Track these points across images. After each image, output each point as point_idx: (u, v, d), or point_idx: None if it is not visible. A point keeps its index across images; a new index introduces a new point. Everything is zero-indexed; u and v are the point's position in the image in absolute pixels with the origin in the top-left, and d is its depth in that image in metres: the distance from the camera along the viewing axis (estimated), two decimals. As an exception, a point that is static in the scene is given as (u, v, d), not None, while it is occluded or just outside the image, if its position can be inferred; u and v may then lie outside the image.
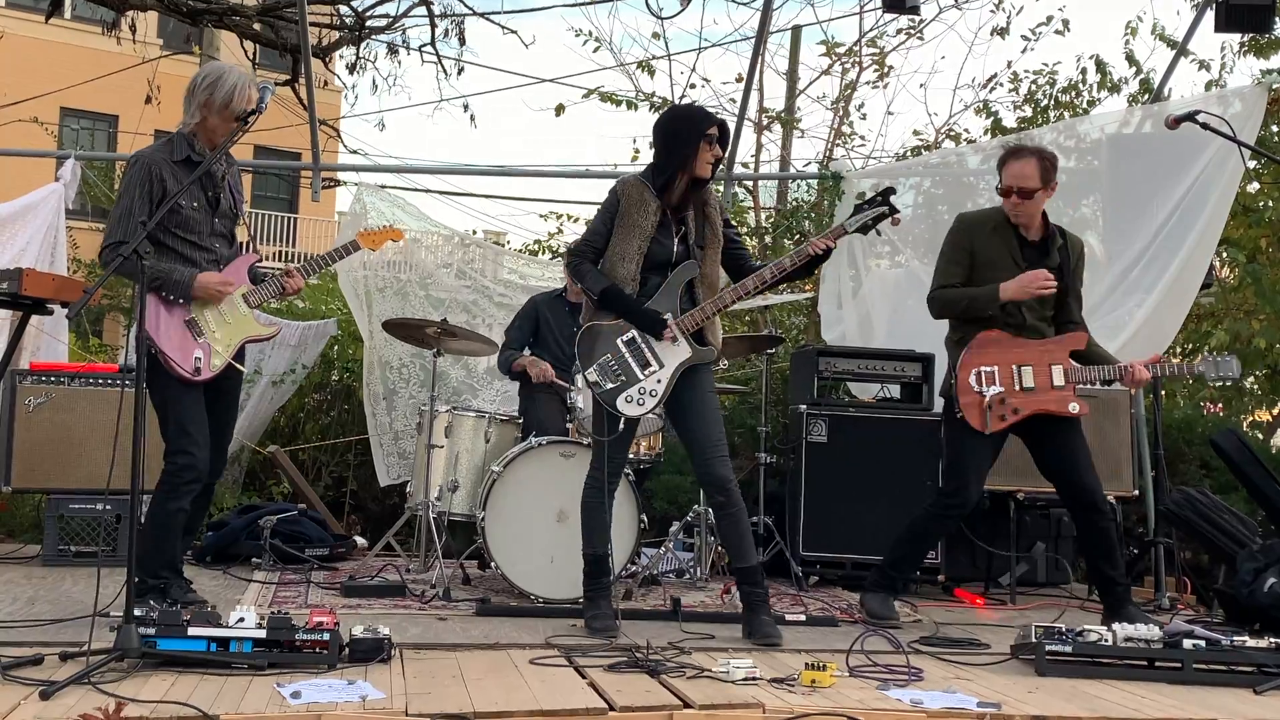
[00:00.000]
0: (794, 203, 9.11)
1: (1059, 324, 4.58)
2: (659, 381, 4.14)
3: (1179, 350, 8.23)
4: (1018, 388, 4.47)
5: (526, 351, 5.86)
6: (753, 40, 8.01)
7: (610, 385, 4.15)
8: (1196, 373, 4.59)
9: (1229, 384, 4.79)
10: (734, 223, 4.45)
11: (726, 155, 7.73)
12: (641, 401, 4.13)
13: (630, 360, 4.15)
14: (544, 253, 9.78)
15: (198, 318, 4.17)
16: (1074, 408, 4.45)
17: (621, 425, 4.17)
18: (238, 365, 4.27)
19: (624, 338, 4.16)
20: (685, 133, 4.15)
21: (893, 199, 4.18)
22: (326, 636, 3.39)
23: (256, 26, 9.95)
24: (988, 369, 4.49)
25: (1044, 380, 4.47)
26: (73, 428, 5.68)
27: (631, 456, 5.33)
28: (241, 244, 4.44)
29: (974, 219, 4.66)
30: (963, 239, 4.59)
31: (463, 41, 10.33)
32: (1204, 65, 8.55)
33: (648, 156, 4.82)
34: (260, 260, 4.53)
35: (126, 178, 4.15)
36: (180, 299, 4.13)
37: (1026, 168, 4.47)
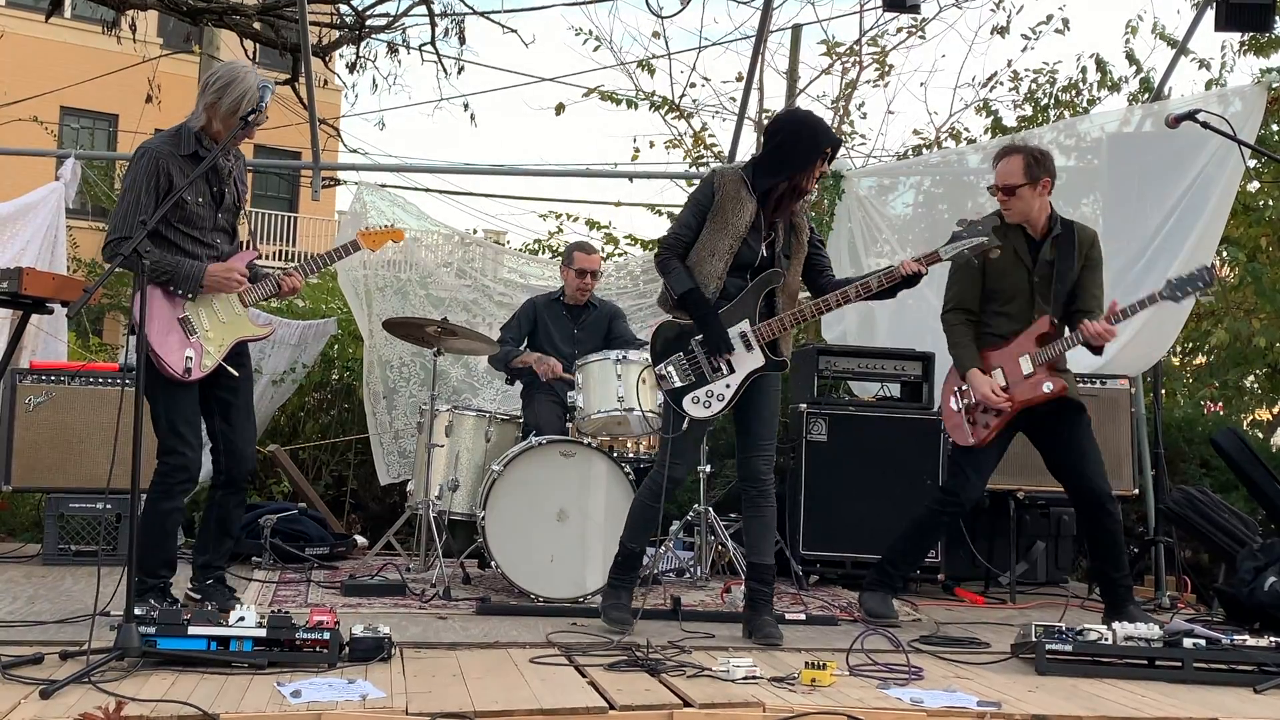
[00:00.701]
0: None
1: (1068, 315, 4.57)
2: (728, 386, 4.10)
3: (1178, 349, 8.24)
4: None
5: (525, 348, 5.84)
6: (753, 39, 8.02)
7: (679, 383, 4.11)
8: (1161, 299, 4.42)
9: (1209, 293, 4.60)
10: (819, 232, 4.39)
11: (729, 153, 7.74)
12: (708, 404, 4.10)
13: (703, 361, 4.12)
14: (544, 252, 9.77)
15: (191, 316, 4.12)
16: (1047, 387, 4.45)
17: (685, 425, 4.12)
18: (229, 368, 4.18)
19: (699, 337, 4.12)
20: (805, 147, 4.07)
21: (993, 229, 4.09)
22: (326, 635, 3.39)
23: (256, 25, 9.94)
24: (964, 386, 4.55)
25: (1015, 374, 4.49)
26: (73, 427, 5.68)
27: (631, 456, 5.34)
28: (241, 241, 4.41)
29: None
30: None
31: (463, 40, 10.33)
32: (1204, 64, 8.56)
33: (649, 155, 4.81)
34: (259, 257, 4.50)
35: (133, 170, 4.09)
36: (190, 294, 4.09)
37: (1010, 164, 4.49)
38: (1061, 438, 4.53)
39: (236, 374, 4.23)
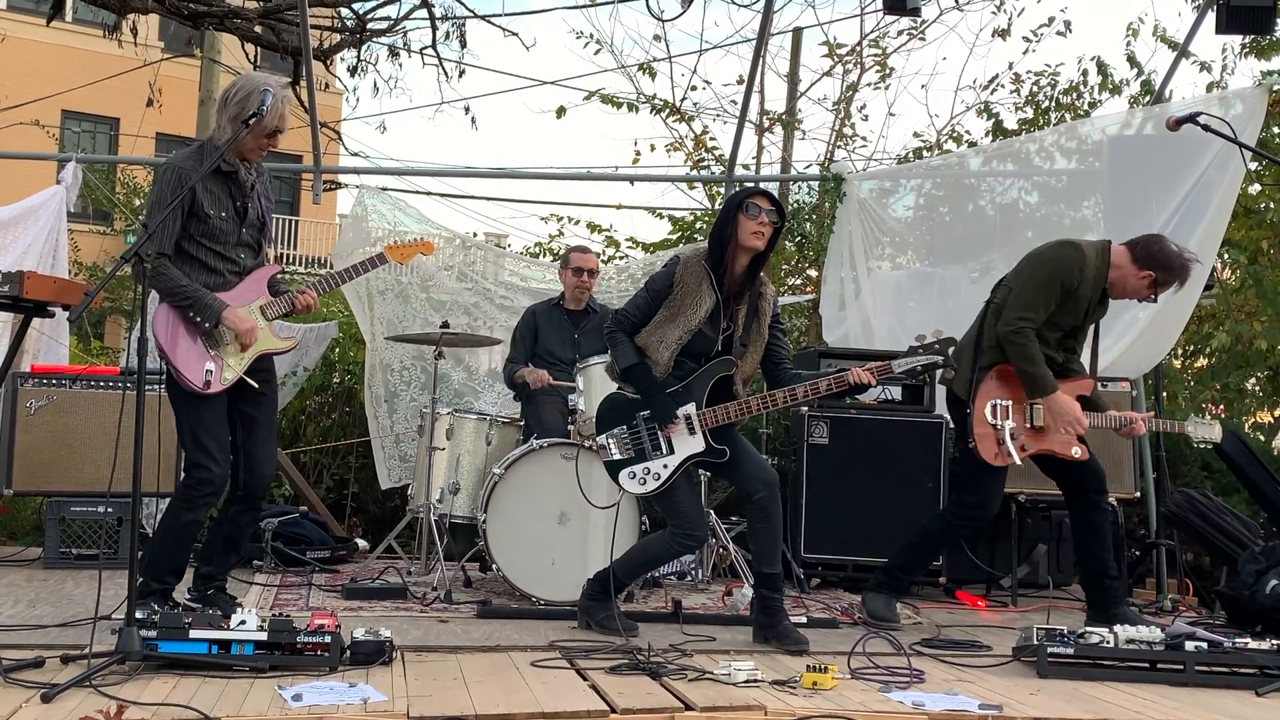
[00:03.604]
0: (795, 205, 9.11)
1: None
2: (665, 467, 4.12)
3: (1179, 352, 8.23)
4: (1029, 425, 4.48)
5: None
6: (754, 42, 8.02)
7: (618, 456, 4.16)
8: (1182, 431, 4.85)
9: (1208, 447, 5.00)
10: (783, 321, 4.40)
11: (729, 156, 7.73)
12: (644, 481, 4.14)
13: (645, 438, 4.14)
14: (545, 255, 9.77)
15: (215, 329, 4.08)
16: (1076, 452, 4.48)
17: (658, 486, 4.13)
18: (251, 382, 4.14)
19: (645, 413, 4.15)
20: (726, 208, 4.18)
21: (946, 356, 4.03)
22: (328, 639, 3.39)
23: (258, 29, 9.96)
24: (1004, 402, 4.49)
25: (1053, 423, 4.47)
26: (74, 430, 5.68)
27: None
28: (266, 256, 4.36)
29: (1083, 256, 4.45)
30: (1073, 273, 4.42)
31: (464, 44, 10.37)
32: (1205, 67, 8.54)
33: (650, 159, 4.82)
34: (281, 272, 4.47)
35: (158, 186, 4.07)
36: (207, 324, 4.05)
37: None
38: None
39: (257, 387, 4.19)
